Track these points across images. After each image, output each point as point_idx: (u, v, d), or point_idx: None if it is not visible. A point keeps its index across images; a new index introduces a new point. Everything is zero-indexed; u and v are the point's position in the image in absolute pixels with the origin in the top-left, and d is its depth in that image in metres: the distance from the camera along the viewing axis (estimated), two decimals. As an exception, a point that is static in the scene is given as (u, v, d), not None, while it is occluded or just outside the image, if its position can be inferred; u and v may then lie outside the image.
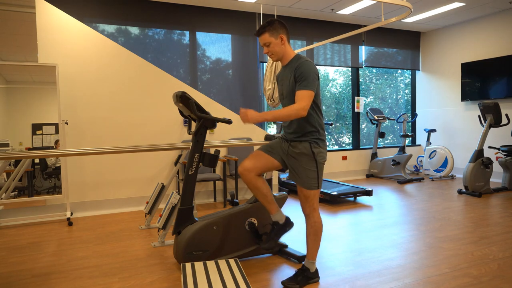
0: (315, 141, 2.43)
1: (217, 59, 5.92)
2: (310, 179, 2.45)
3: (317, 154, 2.43)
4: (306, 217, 2.53)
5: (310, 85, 2.30)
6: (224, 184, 4.85)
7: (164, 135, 4.99)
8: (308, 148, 2.42)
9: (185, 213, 2.76)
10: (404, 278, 2.57)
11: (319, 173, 2.47)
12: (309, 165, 2.44)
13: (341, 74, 7.43)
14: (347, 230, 3.71)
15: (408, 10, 4.08)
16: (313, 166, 2.44)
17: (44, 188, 4.47)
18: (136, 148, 3.05)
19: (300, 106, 2.27)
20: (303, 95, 2.29)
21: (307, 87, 2.30)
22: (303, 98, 2.29)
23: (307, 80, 2.30)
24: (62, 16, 4.45)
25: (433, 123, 7.52)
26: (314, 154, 2.43)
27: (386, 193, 5.53)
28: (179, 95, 2.69)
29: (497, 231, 3.56)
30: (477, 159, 5.24)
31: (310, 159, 2.43)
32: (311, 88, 2.31)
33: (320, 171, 2.47)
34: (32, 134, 4.34)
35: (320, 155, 2.45)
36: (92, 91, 4.62)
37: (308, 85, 2.30)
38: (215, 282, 2.37)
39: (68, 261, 2.99)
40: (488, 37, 6.49)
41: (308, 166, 2.44)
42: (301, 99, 2.29)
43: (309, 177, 2.45)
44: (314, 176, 2.45)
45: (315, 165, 2.44)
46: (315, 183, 2.46)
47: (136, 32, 5.39)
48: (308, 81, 2.30)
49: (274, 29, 2.44)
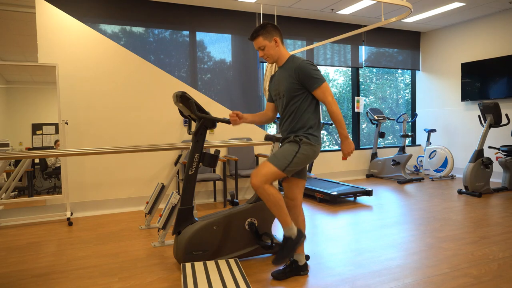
0: (305, 136, 2.45)
1: (217, 59, 5.92)
2: (280, 158, 2.36)
3: (303, 142, 2.42)
4: (256, 190, 2.36)
5: (319, 79, 2.42)
6: (224, 184, 4.85)
7: (164, 135, 4.99)
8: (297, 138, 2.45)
9: (185, 213, 2.76)
10: (404, 278, 2.57)
11: (295, 160, 2.38)
12: (289, 148, 2.41)
13: (341, 74, 7.43)
14: (347, 230, 3.71)
15: (408, 10, 4.09)
16: (293, 150, 2.39)
17: (44, 188, 4.47)
18: (136, 148, 3.05)
19: (330, 101, 2.40)
20: (321, 91, 2.42)
21: (319, 82, 2.42)
22: (324, 93, 2.42)
23: (315, 77, 2.41)
24: (62, 16, 4.45)
25: (433, 123, 7.52)
26: (299, 141, 2.43)
27: (386, 193, 5.53)
28: (179, 95, 2.69)
29: (497, 231, 3.56)
30: (477, 159, 5.24)
31: (294, 144, 2.43)
32: (322, 80, 2.43)
33: (297, 159, 2.38)
34: (32, 134, 4.34)
35: (306, 145, 2.42)
36: (92, 91, 4.62)
37: (319, 80, 2.42)
38: (215, 282, 2.37)
39: (68, 261, 2.99)
40: (488, 37, 6.49)
41: (287, 148, 2.41)
42: (324, 96, 2.42)
43: (282, 156, 2.37)
44: (288, 158, 2.36)
45: (296, 150, 2.39)
46: (283, 164, 2.35)
47: (136, 32, 5.39)
48: (316, 77, 2.42)
49: (267, 32, 2.50)
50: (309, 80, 2.41)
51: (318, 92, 2.42)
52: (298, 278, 2.60)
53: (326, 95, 2.41)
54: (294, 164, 2.39)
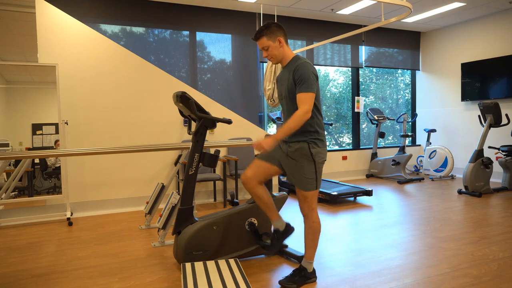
0: (313, 141, 2.42)
1: (217, 59, 5.92)
2: (308, 180, 2.44)
3: (315, 155, 2.42)
4: (304, 217, 2.53)
5: (310, 87, 2.31)
6: (224, 184, 4.85)
7: (164, 135, 4.99)
8: (306, 149, 2.41)
9: (185, 213, 2.76)
10: (404, 278, 2.57)
11: (318, 173, 2.45)
12: (307, 166, 2.43)
13: (341, 74, 7.43)
14: (347, 230, 3.71)
15: (408, 10, 4.09)
16: (311, 167, 2.43)
17: (44, 188, 4.47)
18: (136, 148, 3.05)
19: (303, 111, 2.28)
20: (304, 97, 2.31)
21: (308, 89, 2.31)
22: (305, 101, 2.30)
23: (307, 82, 2.31)
24: (62, 16, 4.45)
25: (433, 123, 7.52)
26: (312, 155, 2.42)
27: (386, 193, 5.53)
28: (179, 95, 2.69)
29: (497, 231, 3.56)
30: (477, 159, 5.24)
31: (309, 159, 2.42)
32: (311, 90, 2.32)
33: (319, 171, 2.46)
34: (32, 134, 4.34)
35: (318, 156, 2.43)
36: (92, 91, 4.62)
37: (308, 87, 2.31)
38: (215, 282, 2.37)
39: (68, 261, 2.99)
40: (488, 37, 6.49)
41: (306, 167, 2.43)
42: (303, 103, 2.30)
43: (307, 178, 2.43)
44: (312, 176, 2.43)
45: (314, 165, 2.43)
46: (313, 184, 2.45)
47: (136, 32, 5.39)
48: (308, 83, 2.31)
49: (271, 32, 2.44)
50: (300, 82, 2.33)
51: (301, 96, 2.31)
52: (299, 278, 2.59)
53: (305, 103, 2.29)
54: (318, 177, 2.47)
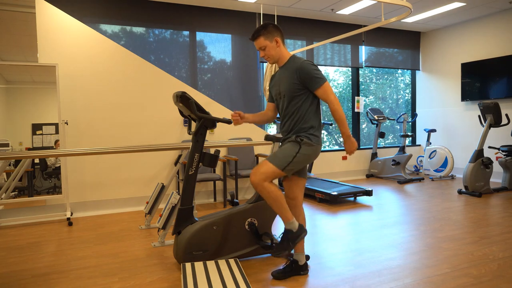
0: (306, 136, 2.46)
1: (217, 59, 5.92)
2: (280, 158, 2.38)
3: (303, 142, 2.43)
4: (256, 188, 2.38)
5: (321, 79, 2.43)
6: (224, 184, 4.85)
7: (164, 135, 4.99)
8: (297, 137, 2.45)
9: (185, 213, 2.76)
10: (404, 278, 2.57)
11: (295, 160, 2.39)
12: (289, 147, 2.42)
13: (341, 74, 7.43)
14: (347, 230, 3.71)
15: (408, 10, 4.09)
16: (293, 150, 2.41)
17: (44, 188, 4.47)
18: (136, 148, 3.05)
19: (332, 101, 2.40)
20: (323, 90, 2.43)
21: (322, 82, 2.42)
22: (326, 92, 2.42)
23: (318, 76, 2.42)
24: (62, 16, 4.45)
25: (433, 123, 7.52)
26: (300, 142, 2.43)
27: (386, 193, 5.53)
28: (179, 95, 2.69)
29: (497, 231, 3.56)
30: (477, 159, 5.24)
31: (295, 144, 2.44)
32: (323, 80, 2.43)
33: (298, 160, 2.40)
34: (32, 134, 4.34)
35: (306, 145, 2.43)
36: (92, 91, 4.62)
37: (320, 79, 2.42)
38: (215, 282, 2.37)
39: (68, 261, 2.99)
40: (488, 37, 6.49)
41: (288, 148, 2.42)
42: (327, 94, 2.42)
43: (282, 155, 2.39)
44: (288, 157, 2.38)
45: (297, 150, 2.41)
46: (283, 162, 2.37)
47: (136, 32, 5.39)
48: (319, 76, 2.42)
49: (268, 33, 2.50)
50: (311, 80, 2.41)
51: (320, 92, 2.43)
52: (298, 278, 2.60)
53: (328, 94, 2.41)
54: (294, 163, 2.40)
